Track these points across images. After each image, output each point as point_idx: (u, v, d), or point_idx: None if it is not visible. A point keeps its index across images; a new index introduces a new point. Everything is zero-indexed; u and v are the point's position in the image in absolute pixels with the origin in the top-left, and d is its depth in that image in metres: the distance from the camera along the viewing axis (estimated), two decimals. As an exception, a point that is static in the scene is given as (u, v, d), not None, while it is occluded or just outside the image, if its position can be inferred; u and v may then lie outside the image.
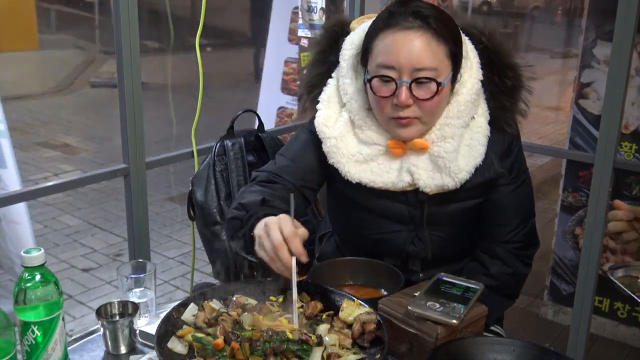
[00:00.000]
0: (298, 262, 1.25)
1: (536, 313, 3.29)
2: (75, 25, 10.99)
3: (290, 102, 3.92)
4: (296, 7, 3.45)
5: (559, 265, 3.18)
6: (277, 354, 1.14)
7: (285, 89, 3.92)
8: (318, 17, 3.12)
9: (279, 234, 1.24)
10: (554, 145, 5.63)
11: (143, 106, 2.08)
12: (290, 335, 1.19)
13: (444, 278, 1.36)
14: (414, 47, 1.39)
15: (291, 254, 1.24)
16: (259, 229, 1.30)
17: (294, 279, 1.24)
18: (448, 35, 1.42)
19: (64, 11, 11.31)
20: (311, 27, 3.15)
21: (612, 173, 2.19)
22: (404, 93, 1.39)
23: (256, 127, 2.17)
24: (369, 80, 1.44)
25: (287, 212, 1.38)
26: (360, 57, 1.51)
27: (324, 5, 3.09)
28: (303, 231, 1.28)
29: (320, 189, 1.66)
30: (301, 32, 3.30)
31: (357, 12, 2.73)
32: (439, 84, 1.40)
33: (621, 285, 1.25)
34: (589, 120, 2.98)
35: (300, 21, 3.18)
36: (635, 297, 1.21)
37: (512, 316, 1.77)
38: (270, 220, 1.28)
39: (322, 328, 1.24)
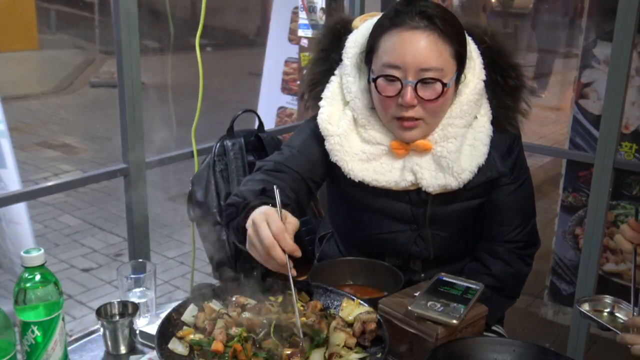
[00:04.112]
0: (294, 258, 1.22)
1: (536, 313, 3.29)
2: (75, 25, 10.99)
3: (290, 102, 3.92)
4: (296, 7, 3.46)
5: (559, 265, 3.18)
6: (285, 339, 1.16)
7: (285, 89, 3.93)
8: (318, 17, 3.12)
9: (269, 233, 1.19)
10: (554, 145, 5.63)
11: (143, 106, 2.08)
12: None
13: (444, 278, 1.36)
14: (420, 47, 1.38)
15: (284, 251, 1.20)
16: (248, 227, 1.25)
17: (290, 275, 1.20)
18: (454, 35, 1.42)
19: (64, 11, 11.31)
20: (312, 26, 3.16)
21: (612, 173, 2.20)
22: (409, 93, 1.39)
23: (256, 127, 2.16)
24: (374, 80, 1.44)
25: (287, 205, 1.36)
26: (364, 55, 1.50)
27: (324, 5, 3.09)
28: (292, 221, 1.23)
29: (322, 184, 1.66)
30: (301, 32, 3.30)
31: (357, 12, 2.73)
32: (444, 85, 1.40)
33: (594, 317, 1.24)
34: (589, 120, 2.98)
35: (305, 20, 3.17)
36: (612, 329, 1.20)
37: (512, 316, 1.77)
38: (258, 218, 1.22)
39: (334, 324, 1.24)
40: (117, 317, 1.36)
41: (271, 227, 1.20)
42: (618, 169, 2.22)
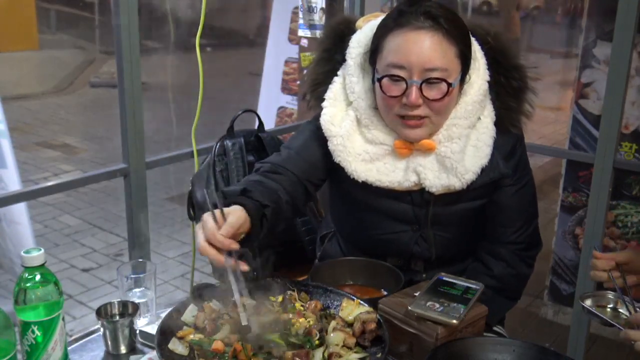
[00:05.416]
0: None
1: (536, 313, 3.29)
2: (75, 25, 10.99)
3: (290, 102, 3.92)
4: (296, 7, 3.45)
5: (559, 265, 3.18)
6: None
7: (285, 89, 3.93)
8: (318, 17, 3.12)
9: (201, 239, 1.22)
10: (554, 145, 5.62)
11: (143, 106, 2.08)
12: (296, 326, 1.21)
13: (444, 278, 1.36)
14: (425, 47, 1.38)
15: (220, 250, 1.21)
16: None
17: (230, 272, 1.21)
18: (458, 35, 1.42)
19: (64, 11, 11.30)
20: (311, 27, 3.15)
21: (612, 173, 2.20)
22: (414, 93, 1.39)
23: (256, 127, 2.16)
24: (379, 80, 1.44)
25: (266, 205, 1.36)
26: (368, 56, 1.50)
27: (324, 5, 3.08)
28: (231, 219, 1.24)
29: (321, 186, 1.65)
30: (301, 32, 3.29)
31: (357, 12, 2.72)
32: (449, 85, 1.40)
33: (598, 313, 1.25)
34: (589, 120, 2.98)
35: (301, 21, 3.17)
36: (615, 325, 1.21)
37: (512, 316, 1.77)
38: (197, 227, 1.26)
39: (333, 324, 1.24)
40: (117, 317, 1.36)
41: (205, 231, 1.22)
42: (618, 169, 2.22)
